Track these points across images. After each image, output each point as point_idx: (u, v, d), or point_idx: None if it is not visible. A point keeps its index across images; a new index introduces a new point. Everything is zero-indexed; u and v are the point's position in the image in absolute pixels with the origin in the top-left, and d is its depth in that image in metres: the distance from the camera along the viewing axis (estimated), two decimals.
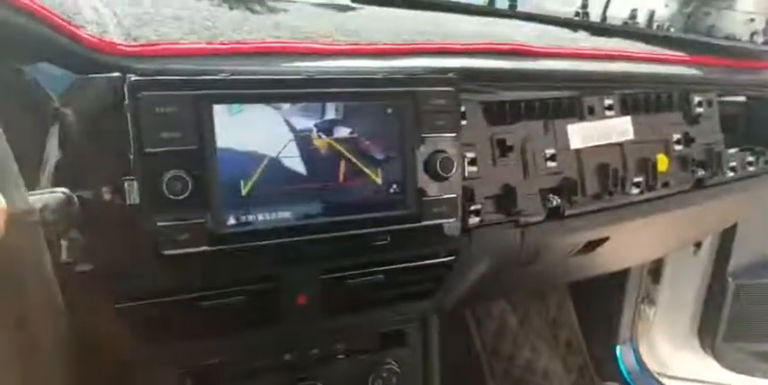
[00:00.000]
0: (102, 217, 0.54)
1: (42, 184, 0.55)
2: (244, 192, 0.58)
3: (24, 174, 0.46)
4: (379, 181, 0.64)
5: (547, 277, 1.09)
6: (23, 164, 0.49)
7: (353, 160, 0.62)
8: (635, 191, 0.89)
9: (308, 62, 0.63)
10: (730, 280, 1.45)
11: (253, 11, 0.68)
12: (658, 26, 1.00)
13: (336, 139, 0.61)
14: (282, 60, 0.62)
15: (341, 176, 0.62)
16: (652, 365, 1.51)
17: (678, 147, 0.94)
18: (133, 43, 0.56)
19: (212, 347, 0.66)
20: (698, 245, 1.45)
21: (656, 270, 1.48)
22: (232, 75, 0.57)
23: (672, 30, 1.02)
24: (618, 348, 1.47)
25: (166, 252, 0.54)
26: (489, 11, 0.92)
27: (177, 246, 0.55)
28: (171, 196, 0.53)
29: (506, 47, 0.77)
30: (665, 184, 0.92)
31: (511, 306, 1.39)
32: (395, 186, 0.65)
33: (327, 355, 0.73)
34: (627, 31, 0.97)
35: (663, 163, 0.92)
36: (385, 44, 0.69)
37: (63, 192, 0.51)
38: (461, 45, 0.74)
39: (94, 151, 0.54)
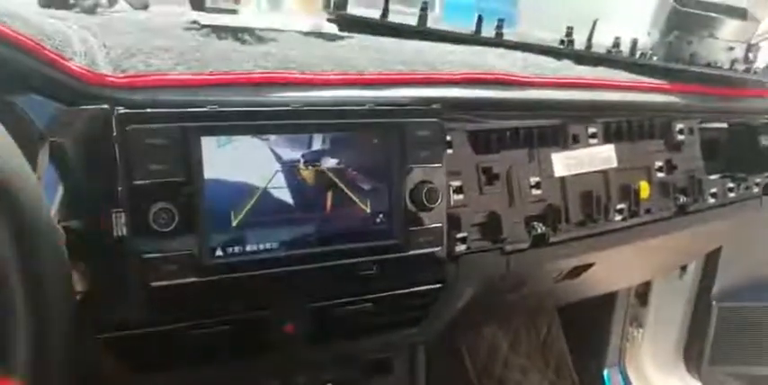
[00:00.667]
0: (89, 248, 0.54)
1: None
2: (231, 223, 0.58)
3: None
4: (365, 211, 0.64)
5: (534, 302, 1.09)
6: None
7: (340, 191, 0.63)
8: (618, 217, 0.90)
9: (296, 92, 0.64)
10: (714, 303, 1.46)
11: (241, 41, 0.69)
12: (641, 54, 1.03)
13: (323, 170, 0.62)
14: (270, 91, 0.63)
15: (328, 207, 0.62)
16: None
17: (660, 175, 0.95)
18: (121, 75, 0.57)
19: (200, 377, 0.66)
20: (683, 268, 1.46)
21: (643, 293, 1.49)
22: (219, 106, 0.57)
23: (654, 58, 1.04)
24: (606, 371, 1.47)
25: (154, 284, 0.54)
26: (475, 39, 0.94)
27: (164, 278, 0.55)
28: (158, 228, 0.53)
29: (491, 76, 0.79)
30: (648, 211, 0.94)
31: (501, 329, 1.39)
32: (381, 216, 0.65)
33: (315, 384, 0.73)
34: (610, 59, 0.99)
35: (645, 190, 0.93)
36: (371, 74, 0.70)
37: None
38: (447, 75, 0.75)
39: (82, 183, 0.55)
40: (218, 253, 0.58)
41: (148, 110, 0.54)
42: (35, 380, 0.42)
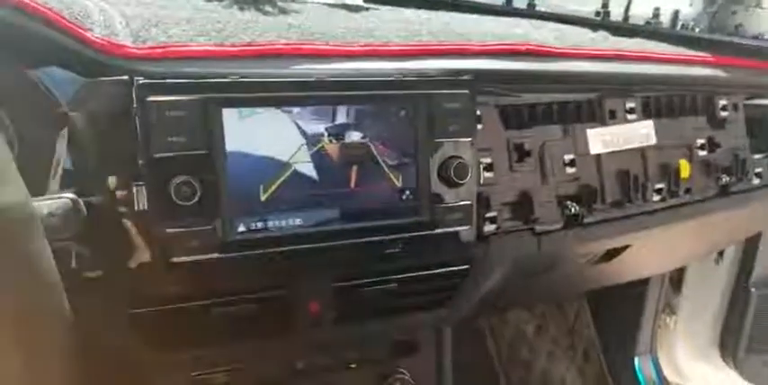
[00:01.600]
0: (111, 223, 0.53)
1: (51, 190, 0.54)
2: (254, 198, 0.56)
3: (33, 180, 0.45)
4: (391, 187, 0.62)
5: (564, 286, 1.06)
6: (32, 168, 0.48)
7: (365, 166, 0.61)
8: (656, 198, 0.86)
9: (320, 64, 0.62)
10: (753, 290, 1.41)
11: (264, 12, 0.67)
12: (682, 26, 0.97)
13: (348, 144, 0.60)
14: (293, 62, 0.60)
15: (352, 182, 0.60)
16: (671, 376, 1.47)
17: (702, 153, 0.91)
18: (142, 45, 0.55)
19: (223, 354, 0.65)
20: (720, 253, 1.41)
21: (677, 279, 1.45)
22: (241, 77, 0.55)
23: (696, 29, 0.99)
24: (636, 359, 1.44)
25: (176, 259, 0.53)
26: (507, 11, 0.90)
27: (186, 253, 0.53)
28: (179, 202, 0.52)
29: (523, 47, 0.75)
30: (688, 191, 0.89)
31: (527, 314, 1.37)
32: (408, 193, 0.63)
33: (339, 364, 0.72)
34: (649, 31, 0.94)
35: (685, 169, 0.89)
36: (398, 45, 0.67)
37: (69, 198, 0.50)
38: (477, 46, 0.72)
39: (103, 156, 0.53)
40: (241, 228, 0.56)
41: (168, 80, 0.53)
42: None
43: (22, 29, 0.54)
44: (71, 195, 0.51)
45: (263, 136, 0.56)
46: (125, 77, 0.53)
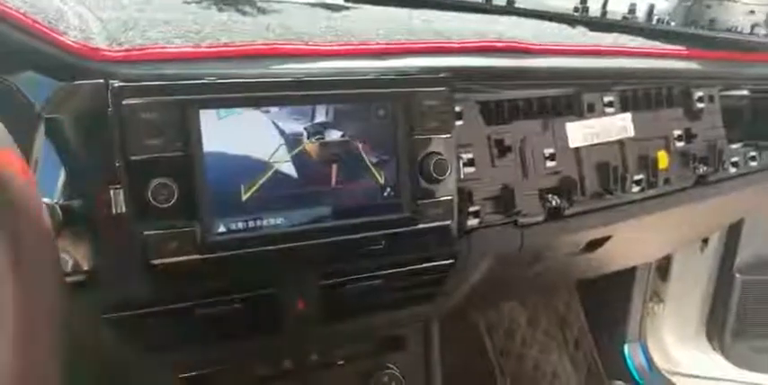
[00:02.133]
0: (89, 226, 0.53)
1: None
2: (234, 198, 0.56)
3: None
4: (372, 184, 0.62)
5: (550, 277, 1.07)
6: None
7: (346, 164, 0.61)
8: (636, 189, 0.87)
9: (298, 64, 0.62)
10: (737, 275, 1.43)
11: (243, 12, 0.67)
12: (658, 20, 0.99)
13: (327, 143, 0.60)
14: (272, 62, 0.61)
15: (333, 181, 0.61)
16: (661, 363, 1.49)
17: (679, 144, 0.92)
18: (118, 48, 0.55)
19: (209, 355, 0.65)
20: (705, 241, 1.43)
21: (664, 267, 1.46)
22: (219, 78, 0.55)
23: (672, 24, 1.00)
24: (626, 346, 1.46)
25: (155, 261, 0.53)
26: (486, 8, 0.90)
27: (166, 255, 0.54)
28: (157, 204, 0.52)
29: (502, 44, 0.76)
30: (667, 182, 0.91)
31: (520, 306, 1.38)
32: (389, 189, 0.63)
33: (327, 361, 0.73)
34: (626, 25, 0.95)
35: (663, 160, 0.90)
36: (377, 44, 0.68)
37: (45, 203, 0.50)
38: (456, 44, 0.73)
39: (80, 159, 0.53)
40: (221, 229, 0.56)
41: (144, 83, 0.53)
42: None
43: None
44: (46, 200, 0.51)
45: (242, 136, 0.56)
46: (100, 81, 0.53)
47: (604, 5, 0.96)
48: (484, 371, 1.34)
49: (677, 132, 0.92)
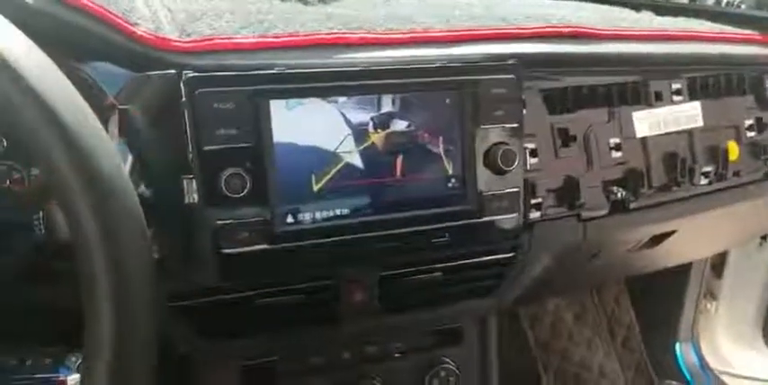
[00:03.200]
0: (162, 215, 0.54)
1: None
2: (302, 189, 0.56)
3: None
4: (437, 176, 0.61)
5: (607, 272, 1.05)
6: None
7: (411, 154, 0.60)
8: (704, 181, 0.84)
9: (363, 53, 0.61)
10: None
11: (305, 2, 0.66)
12: (728, 3, 0.94)
13: (393, 133, 0.59)
14: (336, 52, 0.60)
15: (398, 171, 0.60)
16: (714, 363, 1.44)
17: (750, 134, 0.88)
18: (187, 39, 0.55)
19: (271, 344, 0.66)
20: (764, 237, 1.38)
21: (719, 263, 1.41)
22: (287, 69, 0.55)
23: (743, 6, 0.95)
24: (678, 345, 1.41)
25: (226, 251, 0.53)
26: None
27: (237, 245, 0.54)
28: (229, 194, 0.52)
29: (567, 30, 0.73)
30: (736, 174, 0.87)
31: (566, 301, 1.35)
32: (454, 181, 0.62)
33: (385, 353, 0.72)
34: (694, 9, 0.92)
35: (734, 151, 0.86)
36: (440, 31, 0.66)
37: None
38: (519, 29, 0.70)
39: (152, 149, 0.54)
40: (290, 219, 0.56)
41: (216, 73, 0.53)
42: (120, 360, 0.41)
43: (69, 24, 0.54)
44: None
45: (310, 126, 0.56)
46: (172, 71, 0.53)
47: None
48: (527, 366, 1.33)
49: (748, 122, 0.88)
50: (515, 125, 0.64)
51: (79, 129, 0.41)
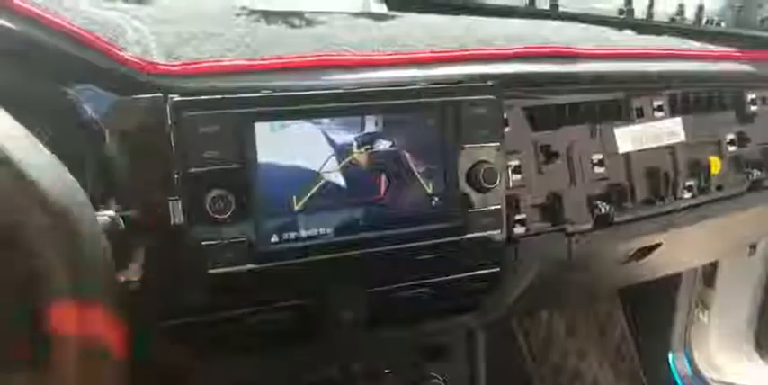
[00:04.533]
0: (147, 236, 0.55)
1: None
2: (286, 209, 0.57)
3: None
4: (421, 194, 0.62)
5: (596, 285, 1.06)
6: None
7: (395, 173, 0.61)
8: (687, 195, 0.85)
9: (347, 75, 0.62)
10: None
11: (291, 24, 0.68)
12: (707, 21, 0.96)
13: (377, 153, 0.60)
14: (322, 74, 0.61)
15: (383, 190, 0.61)
16: (706, 372, 1.45)
17: (732, 148, 0.90)
18: (175, 62, 0.56)
19: (258, 363, 0.66)
20: (753, 246, 1.39)
21: (709, 273, 1.42)
22: (273, 91, 0.56)
23: (722, 25, 0.97)
24: (671, 355, 1.42)
25: (212, 271, 0.54)
26: (530, 12, 0.90)
27: (222, 265, 0.55)
28: (215, 215, 0.53)
29: (548, 50, 0.75)
30: (719, 187, 0.88)
31: (558, 313, 1.36)
32: (437, 199, 0.63)
33: (373, 370, 0.72)
34: (674, 27, 0.93)
35: (716, 165, 0.88)
36: (423, 53, 0.68)
37: (109, 216, 0.52)
38: (502, 50, 0.72)
39: (138, 171, 0.55)
40: (274, 239, 0.57)
41: (202, 97, 0.54)
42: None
43: (57, 49, 0.56)
44: (110, 213, 0.52)
45: (294, 147, 0.57)
46: (159, 95, 0.54)
47: (650, 7, 0.94)
48: (521, 379, 1.33)
49: (729, 136, 0.89)
50: (497, 144, 0.65)
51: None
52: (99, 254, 0.43)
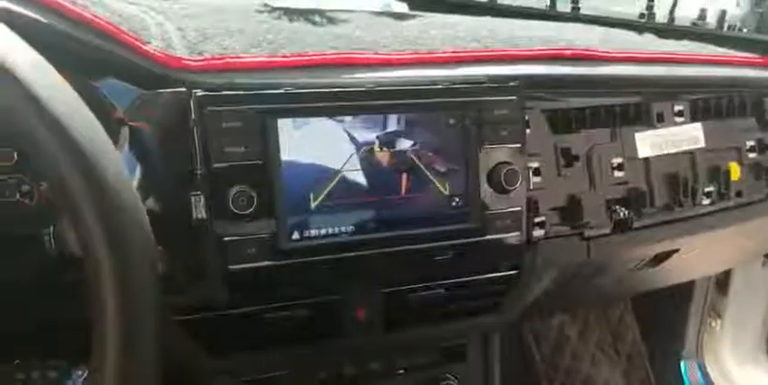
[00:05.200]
0: (169, 231, 0.55)
1: None
2: (308, 206, 0.57)
3: None
4: (442, 194, 0.62)
5: (611, 290, 1.05)
6: None
7: (416, 173, 0.61)
8: (706, 201, 0.84)
9: (369, 73, 0.62)
10: None
11: (312, 22, 0.68)
12: (729, 27, 0.95)
13: (398, 152, 0.60)
14: (344, 72, 0.61)
15: (403, 189, 0.61)
16: (718, 380, 1.43)
17: (752, 155, 0.89)
18: (198, 58, 0.56)
19: (273, 359, 0.66)
20: (767, 255, 1.37)
21: (723, 281, 1.41)
22: (295, 88, 0.56)
23: (744, 30, 0.96)
24: (683, 363, 1.41)
25: (233, 267, 0.54)
26: (551, 14, 0.89)
27: (243, 261, 0.54)
28: (237, 211, 0.53)
29: (570, 52, 0.75)
30: (738, 194, 0.87)
31: (570, 318, 1.35)
32: (458, 200, 0.63)
33: (387, 370, 0.72)
34: (696, 32, 0.93)
35: (735, 171, 0.87)
36: (445, 52, 0.67)
37: None
38: (524, 52, 0.72)
39: (161, 165, 0.55)
40: (295, 236, 0.57)
41: (225, 92, 0.54)
42: (124, 376, 0.42)
43: (83, 42, 0.56)
44: None
45: (316, 144, 0.57)
46: (183, 89, 0.54)
47: (672, 11, 0.94)
48: (532, 382, 1.32)
49: (750, 143, 0.88)
50: (518, 145, 0.64)
51: (87, 143, 0.41)
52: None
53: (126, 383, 0.42)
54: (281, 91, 0.55)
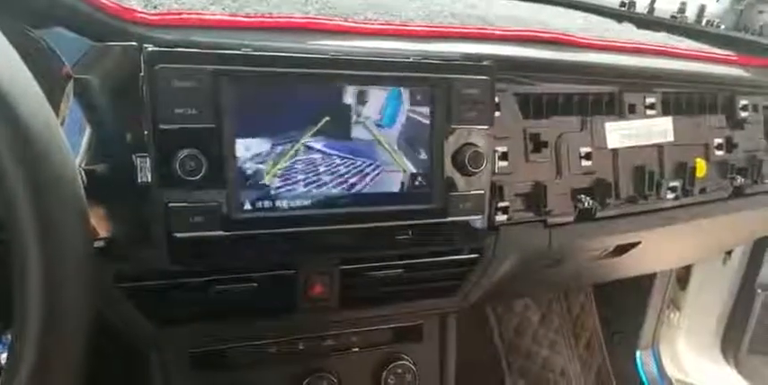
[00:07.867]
0: (113, 193, 0.52)
1: None
2: (261, 176, 0.54)
3: None
4: (403, 172, 0.60)
5: (573, 279, 1.05)
6: None
7: (377, 149, 0.59)
8: (670, 196, 0.84)
9: (336, 41, 0.59)
10: (759, 291, 1.39)
11: None
12: (708, 22, 0.95)
13: (361, 126, 0.58)
14: (309, 38, 0.58)
15: (362, 166, 0.58)
16: (672, 371, 1.47)
17: (719, 153, 0.89)
18: (153, 11, 0.53)
19: (222, 331, 0.64)
20: (728, 253, 1.40)
21: (684, 275, 1.43)
22: (254, 50, 0.53)
23: (722, 27, 0.96)
24: (638, 352, 1.43)
25: (178, 235, 0.52)
26: None
27: (189, 229, 0.52)
28: (184, 176, 0.50)
29: (547, 35, 0.73)
30: (703, 191, 0.87)
31: (533, 303, 1.36)
32: (420, 179, 0.61)
33: (341, 347, 0.71)
34: (674, 25, 0.92)
35: (701, 168, 0.87)
36: (418, 26, 0.65)
37: None
38: (500, 31, 0.70)
39: (106, 124, 0.52)
40: (247, 207, 0.54)
41: (179, 49, 0.51)
42: (46, 348, 0.39)
43: None
44: None
45: (272, 112, 0.54)
46: (134, 43, 0.51)
47: (652, 2, 0.92)
48: (491, 365, 1.33)
49: (718, 140, 0.88)
50: (486, 127, 0.62)
51: (22, 107, 0.38)
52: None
53: (47, 354, 0.39)
54: (240, 52, 0.52)
